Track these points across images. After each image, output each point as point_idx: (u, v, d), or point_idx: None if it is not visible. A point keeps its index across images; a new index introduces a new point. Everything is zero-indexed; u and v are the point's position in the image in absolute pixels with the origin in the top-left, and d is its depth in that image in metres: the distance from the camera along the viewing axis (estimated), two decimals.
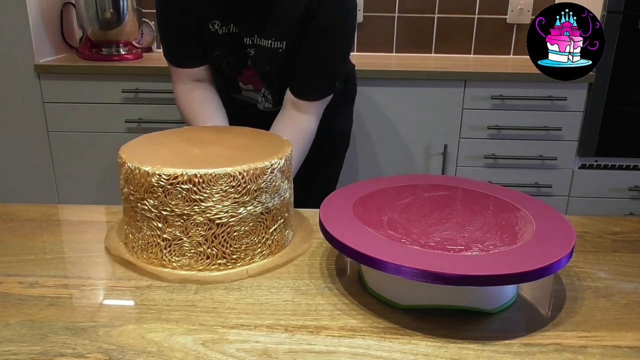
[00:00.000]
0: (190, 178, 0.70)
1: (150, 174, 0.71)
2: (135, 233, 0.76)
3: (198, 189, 0.70)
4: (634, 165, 2.06)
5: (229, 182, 0.71)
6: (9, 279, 0.72)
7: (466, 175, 2.08)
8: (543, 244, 0.63)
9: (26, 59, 1.97)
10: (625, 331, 0.61)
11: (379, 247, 0.62)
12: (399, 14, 2.36)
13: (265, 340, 0.59)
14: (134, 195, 0.74)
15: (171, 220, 0.72)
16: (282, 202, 0.78)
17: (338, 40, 1.13)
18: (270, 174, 0.75)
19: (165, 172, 0.70)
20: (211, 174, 0.70)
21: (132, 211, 0.76)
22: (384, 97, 2.01)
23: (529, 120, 2.01)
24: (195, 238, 0.72)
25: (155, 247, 0.74)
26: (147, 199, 0.72)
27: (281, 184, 0.78)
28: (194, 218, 0.71)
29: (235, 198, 0.72)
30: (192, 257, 0.73)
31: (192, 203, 0.71)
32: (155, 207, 0.72)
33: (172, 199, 0.71)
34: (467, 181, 0.84)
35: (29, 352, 0.57)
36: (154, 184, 0.71)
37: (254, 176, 0.73)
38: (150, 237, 0.74)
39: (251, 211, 0.74)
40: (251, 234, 0.75)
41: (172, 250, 0.73)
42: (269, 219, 0.76)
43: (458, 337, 0.60)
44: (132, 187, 0.74)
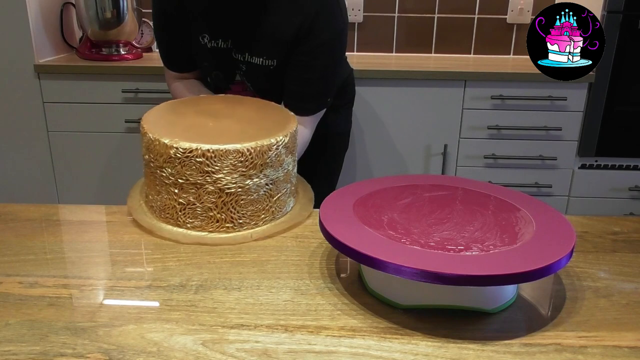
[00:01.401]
0: (204, 152, 0.79)
1: (168, 146, 0.80)
2: (155, 195, 0.87)
3: (210, 163, 0.79)
4: (634, 165, 2.06)
5: (238, 158, 0.80)
6: (9, 279, 0.72)
7: (466, 175, 2.08)
8: (543, 244, 0.63)
9: (26, 59, 1.97)
10: (625, 331, 0.61)
11: (379, 247, 0.62)
12: (399, 14, 2.36)
13: (265, 340, 0.59)
14: (154, 163, 0.84)
15: (186, 187, 0.81)
16: (285, 174, 0.87)
17: (328, 60, 1.13)
18: (275, 150, 0.83)
19: (182, 146, 0.79)
20: (222, 149, 0.79)
21: (152, 176, 0.86)
22: (384, 97, 2.01)
23: (529, 120, 2.01)
24: (207, 204, 0.82)
25: (171, 209, 0.84)
26: (165, 167, 0.82)
27: (285, 159, 0.86)
28: (206, 187, 0.81)
29: (243, 171, 0.81)
30: (203, 220, 0.83)
31: (204, 174, 0.80)
32: (172, 175, 0.82)
33: (187, 169, 0.80)
34: (467, 181, 0.84)
35: (29, 352, 0.57)
36: (172, 155, 0.80)
37: (260, 152, 0.81)
38: (167, 200, 0.84)
39: (257, 183, 0.82)
40: (256, 202, 0.84)
41: (186, 213, 0.83)
42: (273, 189, 0.85)
43: (458, 337, 0.60)
44: (152, 156, 0.84)
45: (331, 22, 1.09)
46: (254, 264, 0.76)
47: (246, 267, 0.75)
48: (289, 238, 0.84)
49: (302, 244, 0.82)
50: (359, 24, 2.37)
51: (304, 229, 0.87)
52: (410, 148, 2.07)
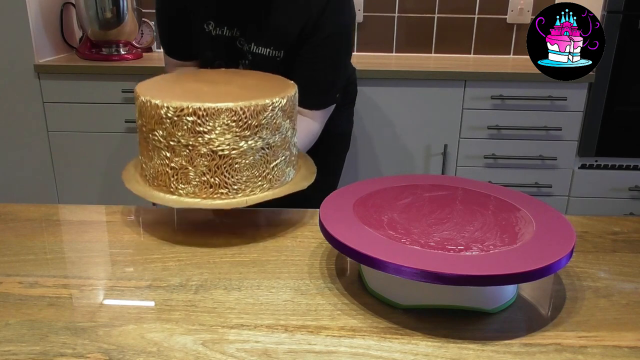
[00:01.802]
0: (195, 111, 0.76)
1: (159, 106, 0.78)
2: (148, 162, 0.84)
3: (202, 122, 0.76)
4: (634, 165, 2.06)
5: (231, 117, 0.77)
6: (9, 279, 0.72)
7: (466, 175, 2.08)
8: (543, 244, 0.63)
9: (26, 59, 1.97)
10: (625, 331, 0.61)
11: (379, 247, 0.62)
12: (399, 14, 2.36)
13: (265, 340, 0.59)
14: (146, 127, 0.81)
15: (178, 150, 0.78)
16: (283, 139, 0.83)
17: (336, 53, 1.13)
18: (271, 111, 0.80)
19: (173, 105, 0.77)
20: (214, 107, 0.76)
21: (145, 142, 0.83)
22: (384, 97, 2.01)
23: (529, 120, 2.01)
24: (200, 168, 0.79)
25: (164, 175, 0.82)
26: (156, 129, 0.79)
27: (282, 123, 0.83)
28: (198, 149, 0.77)
29: (236, 132, 0.77)
30: (196, 186, 0.80)
31: (196, 134, 0.77)
32: (164, 138, 0.79)
33: (178, 130, 0.77)
34: (467, 181, 0.84)
35: (29, 352, 0.57)
36: (163, 115, 0.77)
37: (254, 112, 0.78)
38: (160, 165, 0.81)
39: (252, 145, 0.79)
40: (252, 167, 0.80)
41: (179, 179, 0.80)
42: (269, 154, 0.82)
43: (458, 337, 0.60)
44: (144, 119, 0.81)
45: (339, 15, 1.09)
46: (254, 264, 0.76)
47: (246, 267, 0.75)
48: (289, 238, 0.84)
49: (302, 244, 0.82)
50: (359, 24, 2.37)
51: (304, 229, 0.87)
52: (410, 148, 2.07)
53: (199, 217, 0.91)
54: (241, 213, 0.92)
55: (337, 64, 1.16)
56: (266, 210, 0.93)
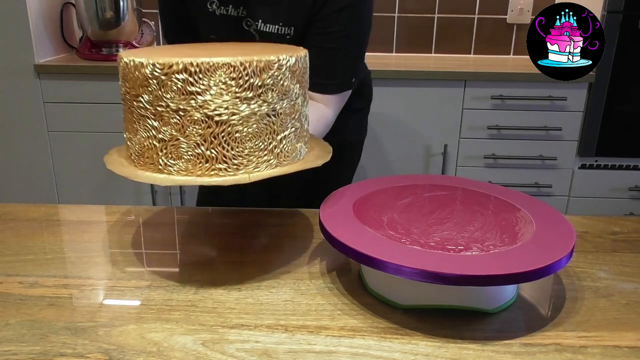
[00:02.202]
0: (186, 67, 0.64)
1: (144, 65, 0.66)
2: (132, 137, 0.71)
3: (194, 80, 0.64)
4: (634, 165, 2.06)
5: (229, 74, 0.65)
6: (9, 279, 0.72)
7: (466, 175, 2.08)
8: (543, 244, 0.63)
9: (26, 59, 1.97)
10: (625, 331, 0.61)
11: (379, 247, 0.62)
12: (399, 14, 2.36)
13: (265, 340, 0.59)
14: (130, 93, 0.70)
15: (167, 117, 0.66)
16: (292, 106, 0.72)
17: (353, 27, 1.00)
18: (277, 69, 0.68)
19: (159, 61, 0.65)
20: (209, 62, 0.64)
21: (129, 112, 0.71)
22: (384, 97, 2.01)
23: (529, 120, 2.01)
24: (193, 138, 0.66)
25: (151, 150, 0.69)
26: (142, 94, 0.67)
27: (291, 86, 0.71)
28: (191, 114, 0.65)
29: (236, 92, 0.65)
30: (189, 161, 0.67)
31: (188, 96, 0.65)
32: (150, 103, 0.67)
33: (167, 91, 0.65)
34: (467, 181, 0.84)
35: (29, 352, 0.57)
36: (148, 75, 0.66)
37: (257, 69, 0.66)
38: (146, 139, 0.69)
39: (255, 110, 0.67)
40: (255, 137, 0.68)
41: (168, 153, 0.68)
42: (276, 123, 0.70)
43: (458, 337, 0.60)
44: (128, 85, 0.70)
45: None
46: (254, 264, 0.76)
47: (246, 267, 0.75)
48: (289, 238, 0.84)
49: (302, 244, 0.82)
50: None
51: (304, 229, 0.87)
52: (410, 148, 2.07)
53: (199, 217, 0.91)
54: (241, 213, 0.92)
55: (355, 41, 1.02)
56: (266, 210, 0.93)
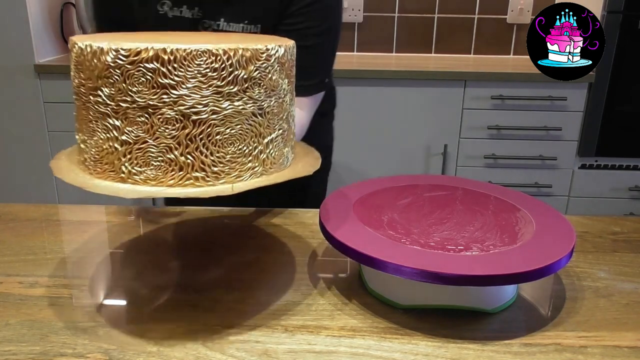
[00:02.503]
0: (158, 54, 0.53)
1: (105, 51, 0.55)
2: (87, 140, 0.59)
3: (168, 70, 0.54)
4: (634, 165, 2.06)
5: (210, 64, 0.55)
6: (9, 279, 0.72)
7: (466, 175, 2.08)
8: (543, 244, 0.63)
9: (26, 58, 1.97)
10: (625, 331, 0.61)
11: (379, 247, 0.62)
12: (399, 14, 2.36)
13: (265, 340, 0.59)
14: (85, 86, 0.58)
15: (132, 115, 0.55)
16: (280, 105, 0.62)
17: (324, 23, 0.93)
18: (265, 60, 0.59)
19: (125, 47, 0.54)
20: (186, 50, 0.54)
21: (84, 109, 0.59)
22: (384, 97, 2.01)
23: (529, 120, 2.01)
24: (164, 140, 0.56)
25: (111, 155, 0.57)
26: (101, 87, 0.56)
27: (280, 81, 0.61)
28: (163, 112, 0.55)
29: (218, 86, 0.56)
30: (159, 168, 0.56)
31: (159, 90, 0.54)
32: (111, 98, 0.56)
33: (133, 84, 0.54)
34: (467, 181, 0.84)
35: (29, 352, 0.57)
36: (110, 64, 0.55)
37: (243, 59, 0.57)
38: (105, 141, 0.57)
39: (239, 108, 0.57)
40: (239, 140, 0.58)
41: (133, 158, 0.57)
42: (263, 124, 0.60)
43: (458, 337, 0.60)
44: (83, 75, 0.58)
45: None
46: (254, 264, 0.76)
47: (246, 267, 0.75)
48: (289, 238, 0.84)
49: (302, 244, 0.82)
50: (359, 24, 2.37)
51: (304, 229, 0.87)
52: (410, 148, 2.07)
53: (199, 218, 0.91)
54: (241, 213, 0.92)
55: (328, 37, 0.95)
56: (266, 210, 0.93)
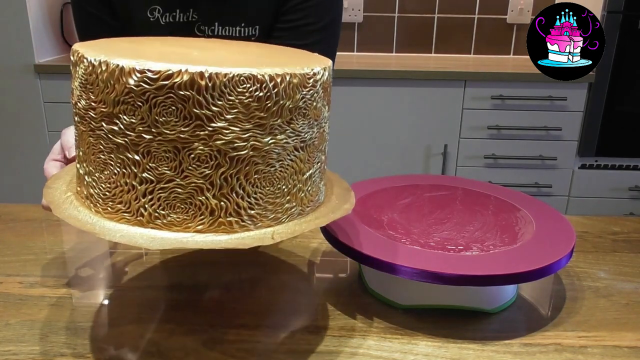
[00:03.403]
0: (194, 79, 0.45)
1: (126, 72, 0.46)
2: (96, 173, 0.51)
3: (205, 99, 0.46)
4: (634, 165, 2.06)
5: (254, 92, 0.47)
6: (9, 279, 0.72)
7: (466, 175, 2.08)
8: (543, 244, 0.63)
9: (26, 59, 1.97)
10: (625, 331, 0.61)
11: (379, 247, 0.62)
12: (399, 14, 2.36)
13: (265, 340, 0.59)
14: (95, 110, 0.49)
15: (157, 150, 0.47)
16: (321, 135, 0.55)
17: (326, 15, 0.89)
18: (312, 87, 0.51)
19: (153, 68, 0.45)
20: (227, 75, 0.46)
21: (93, 137, 0.50)
22: (384, 97, 2.01)
23: (529, 120, 2.01)
24: (195, 180, 0.48)
25: (127, 193, 0.49)
26: (119, 114, 0.47)
27: (323, 109, 0.54)
28: (195, 147, 0.47)
29: (261, 118, 0.48)
30: (187, 211, 0.49)
31: (192, 122, 0.47)
32: (131, 128, 0.47)
33: (160, 114, 0.46)
34: (467, 181, 0.84)
35: (29, 352, 0.57)
36: (133, 87, 0.46)
37: (290, 86, 0.49)
38: (120, 177, 0.49)
39: (282, 142, 0.50)
40: (279, 179, 0.51)
41: (155, 199, 0.48)
42: (304, 159, 0.53)
43: (458, 337, 0.60)
44: (94, 97, 0.49)
45: None
46: (254, 264, 0.76)
47: (246, 267, 0.75)
48: (289, 238, 0.83)
49: (302, 244, 0.82)
50: (359, 24, 2.37)
51: None
52: (410, 148, 2.07)
53: None
54: None
55: (330, 34, 0.90)
56: None
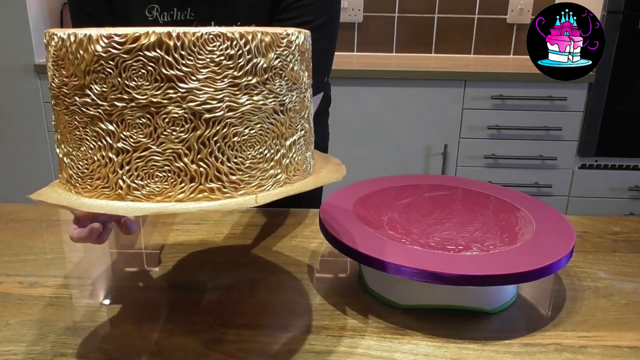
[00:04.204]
0: (161, 40, 0.44)
1: (94, 39, 0.45)
2: (73, 152, 0.50)
3: (175, 59, 0.45)
4: (634, 165, 2.06)
5: (224, 50, 0.46)
6: (9, 279, 0.72)
7: (466, 175, 2.08)
8: (543, 244, 0.63)
9: (26, 58, 1.97)
10: (625, 331, 0.61)
11: (379, 247, 0.62)
12: (399, 14, 2.36)
13: (265, 340, 0.59)
14: (68, 85, 0.48)
15: (130, 117, 0.46)
16: (301, 101, 0.53)
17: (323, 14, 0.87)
18: (286, 47, 0.50)
19: (120, 32, 0.45)
20: (195, 33, 0.45)
21: (67, 114, 0.49)
22: (384, 97, 2.01)
23: (529, 120, 2.01)
24: (171, 145, 0.46)
25: (104, 167, 0.48)
26: (89, 84, 0.46)
27: (301, 73, 0.53)
28: (169, 110, 0.46)
29: (234, 77, 0.47)
30: (166, 179, 0.47)
31: (164, 84, 0.45)
32: (103, 97, 0.46)
33: (130, 78, 0.45)
34: (467, 181, 0.84)
35: (29, 352, 0.57)
36: (101, 54, 0.45)
37: (262, 44, 0.48)
38: (96, 151, 0.48)
39: (259, 103, 0.48)
40: (259, 142, 0.49)
41: (132, 170, 0.47)
42: (285, 122, 0.51)
43: (458, 337, 0.60)
44: (65, 72, 0.48)
45: None
46: (254, 264, 0.76)
47: (246, 267, 0.75)
48: (289, 238, 0.84)
49: (302, 244, 0.82)
50: (359, 24, 2.37)
51: (304, 229, 0.87)
52: (410, 148, 2.07)
53: (199, 217, 0.91)
54: (241, 212, 0.92)
55: (327, 31, 0.88)
56: (266, 210, 0.93)
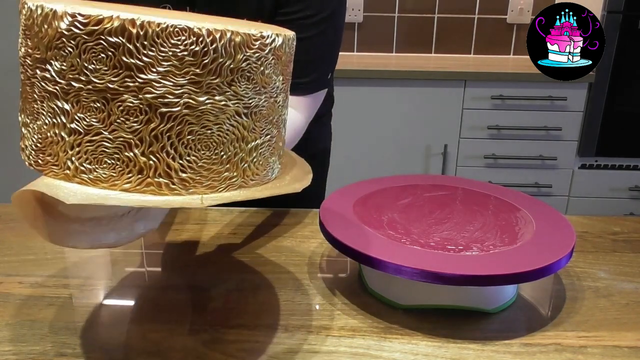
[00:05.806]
0: (125, 26, 0.43)
1: (59, 16, 0.45)
2: (30, 123, 0.49)
3: (135, 48, 0.44)
4: (634, 165, 2.06)
5: (189, 46, 0.45)
6: (9, 279, 0.72)
7: (466, 175, 2.08)
8: (543, 244, 0.63)
9: None
10: (625, 331, 0.61)
11: (379, 247, 0.62)
12: (399, 14, 2.36)
13: (265, 340, 0.59)
14: (32, 56, 0.48)
15: (86, 99, 0.45)
16: (271, 106, 0.51)
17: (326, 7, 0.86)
18: (258, 50, 0.48)
19: (84, 12, 0.44)
20: (161, 24, 0.44)
21: (29, 85, 0.49)
22: (384, 97, 2.01)
23: (529, 120, 2.01)
24: (123, 134, 0.45)
25: (56, 145, 0.47)
26: (50, 59, 0.46)
27: (274, 77, 0.51)
28: (124, 99, 0.45)
29: (196, 74, 0.45)
30: (114, 167, 0.46)
31: (122, 71, 0.44)
32: (61, 75, 0.46)
33: (89, 60, 0.45)
34: (467, 181, 0.84)
35: (29, 352, 0.57)
36: (64, 31, 0.45)
37: (230, 45, 0.46)
38: (50, 127, 0.47)
39: (221, 104, 0.47)
40: (216, 143, 0.48)
41: (82, 152, 0.46)
42: (248, 126, 0.49)
43: (458, 337, 0.60)
44: (30, 43, 0.48)
45: None
46: (254, 264, 0.76)
47: (246, 267, 0.75)
48: (289, 238, 0.84)
49: (302, 244, 0.82)
50: (359, 24, 2.37)
51: (304, 229, 0.87)
52: (410, 148, 2.07)
53: (199, 217, 0.91)
54: (241, 212, 0.92)
55: (331, 26, 0.87)
56: (266, 211, 0.93)
